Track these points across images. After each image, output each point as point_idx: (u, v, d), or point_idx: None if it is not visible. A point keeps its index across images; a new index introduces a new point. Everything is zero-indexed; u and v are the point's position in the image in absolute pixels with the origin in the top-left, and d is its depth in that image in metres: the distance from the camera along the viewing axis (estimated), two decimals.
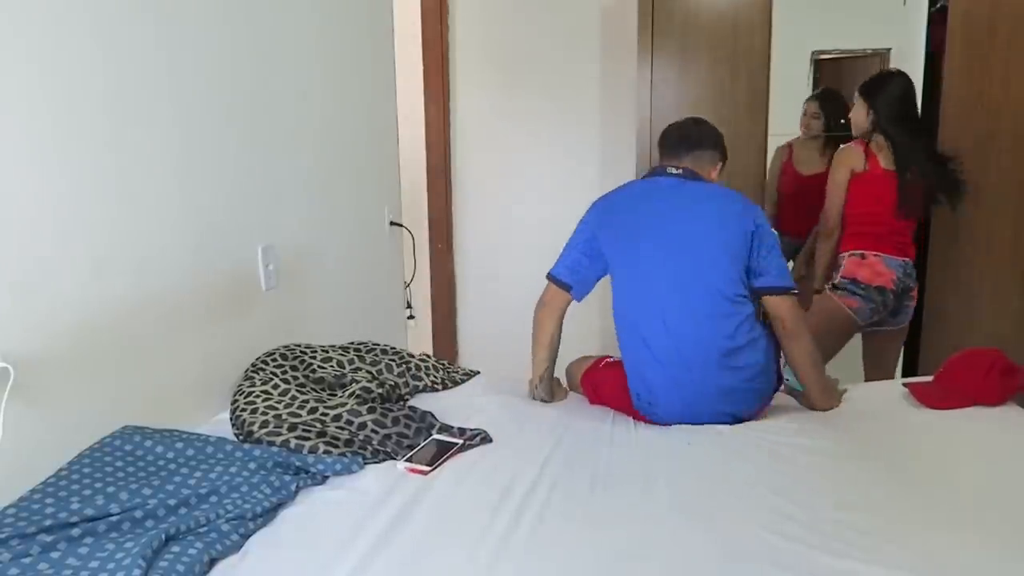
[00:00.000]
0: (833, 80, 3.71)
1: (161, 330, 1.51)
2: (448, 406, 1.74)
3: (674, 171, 1.81)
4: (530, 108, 3.37)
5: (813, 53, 4.92)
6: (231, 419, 1.55)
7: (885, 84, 2.49)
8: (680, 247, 1.73)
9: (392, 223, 2.73)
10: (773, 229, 1.74)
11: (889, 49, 4.86)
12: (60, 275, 1.26)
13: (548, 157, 3.36)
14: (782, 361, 1.84)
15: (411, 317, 2.99)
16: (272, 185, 1.92)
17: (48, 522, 1.07)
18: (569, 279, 1.85)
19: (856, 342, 2.62)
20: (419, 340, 3.35)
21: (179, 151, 1.56)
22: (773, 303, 1.75)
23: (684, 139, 1.86)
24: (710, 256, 1.72)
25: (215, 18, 1.68)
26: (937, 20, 2.78)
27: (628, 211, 1.82)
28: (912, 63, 3.21)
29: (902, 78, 2.50)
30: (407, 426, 1.55)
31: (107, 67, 1.36)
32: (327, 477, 1.37)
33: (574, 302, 1.89)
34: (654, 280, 1.75)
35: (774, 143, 3.15)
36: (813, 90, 3.31)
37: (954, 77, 2.59)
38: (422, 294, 3.44)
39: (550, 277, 1.88)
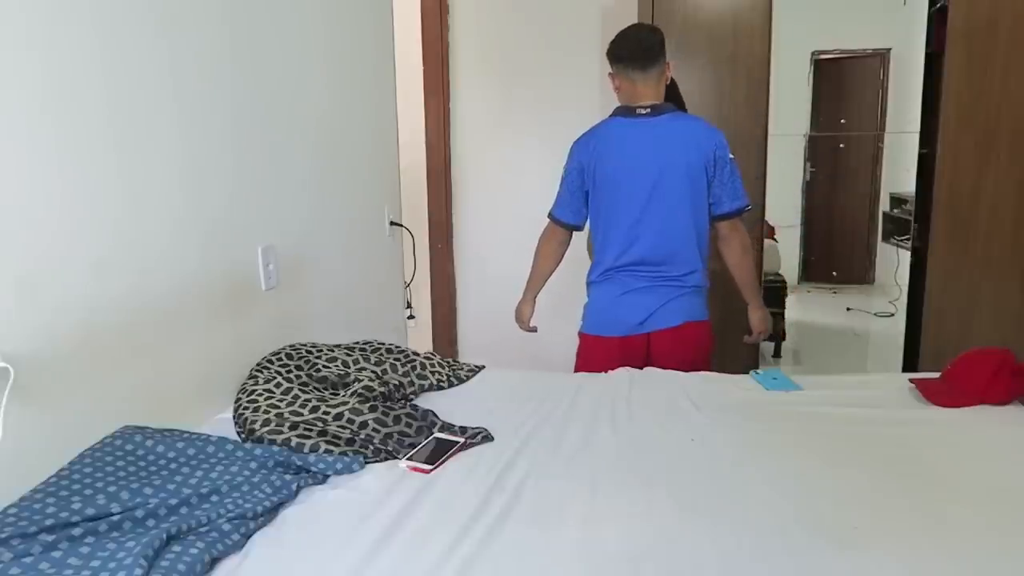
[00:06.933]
0: (833, 80, 3.71)
1: (161, 330, 1.50)
2: (453, 404, 1.74)
3: (643, 111, 2.07)
4: (530, 108, 3.38)
5: (813, 53, 4.93)
6: (234, 417, 1.55)
7: None
8: (655, 187, 2.07)
9: (392, 223, 2.73)
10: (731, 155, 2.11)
11: (889, 49, 4.88)
12: (61, 275, 1.26)
13: (548, 157, 3.34)
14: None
15: (411, 317, 2.99)
16: (272, 185, 1.92)
17: (49, 522, 1.07)
18: (572, 219, 2.25)
19: (858, 339, 2.62)
20: (419, 340, 3.35)
21: (180, 151, 1.56)
22: (725, 226, 2.17)
23: (648, 51, 2.05)
24: (681, 192, 2.07)
25: (216, 18, 1.68)
26: (937, 20, 2.79)
27: (609, 154, 2.10)
28: (912, 63, 3.21)
29: None
30: (408, 425, 1.54)
31: (109, 68, 1.36)
32: (328, 476, 1.37)
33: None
34: (632, 216, 2.09)
35: (774, 143, 3.15)
36: (813, 90, 3.31)
37: (954, 77, 2.59)
38: (422, 294, 3.44)
39: (552, 218, 2.27)
